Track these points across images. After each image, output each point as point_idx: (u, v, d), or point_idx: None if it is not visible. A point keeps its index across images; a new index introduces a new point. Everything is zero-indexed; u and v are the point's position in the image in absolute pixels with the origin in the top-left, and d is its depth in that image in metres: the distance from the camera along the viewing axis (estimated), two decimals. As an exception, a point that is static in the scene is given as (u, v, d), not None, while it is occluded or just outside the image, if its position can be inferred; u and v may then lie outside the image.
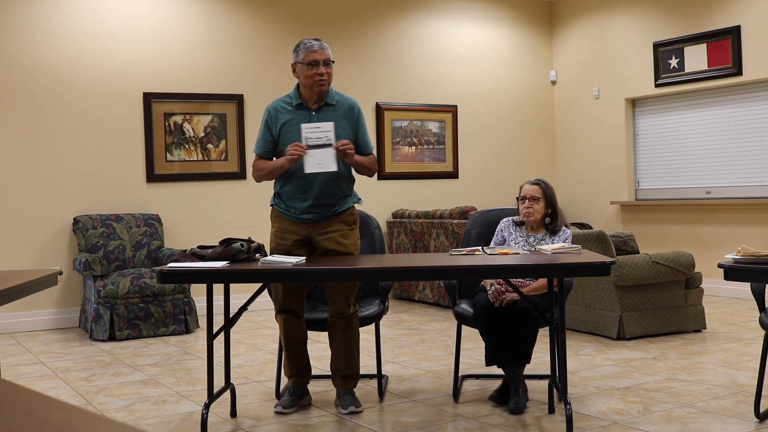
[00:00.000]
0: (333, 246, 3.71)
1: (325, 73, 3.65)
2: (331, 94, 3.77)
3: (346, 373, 3.80)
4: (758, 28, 6.91)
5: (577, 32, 8.67)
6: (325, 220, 3.73)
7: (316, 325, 3.93)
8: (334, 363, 3.82)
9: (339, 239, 3.72)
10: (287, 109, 3.76)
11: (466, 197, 8.32)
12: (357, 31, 7.77)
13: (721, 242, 7.12)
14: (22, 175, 6.36)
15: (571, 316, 5.57)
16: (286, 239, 3.74)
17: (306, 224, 3.73)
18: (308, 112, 3.72)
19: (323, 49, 3.68)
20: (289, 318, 3.79)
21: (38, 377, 4.66)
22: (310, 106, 3.73)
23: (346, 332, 3.79)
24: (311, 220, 3.72)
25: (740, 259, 3.27)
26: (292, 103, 3.76)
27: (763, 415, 3.43)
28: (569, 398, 3.36)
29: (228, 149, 7.13)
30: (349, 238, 3.76)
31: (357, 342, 3.84)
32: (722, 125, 7.36)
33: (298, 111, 3.73)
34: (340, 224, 3.74)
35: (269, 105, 3.83)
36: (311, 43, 3.69)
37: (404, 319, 6.55)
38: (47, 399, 1.10)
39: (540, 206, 3.94)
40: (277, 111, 3.77)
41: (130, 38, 6.77)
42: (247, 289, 4.28)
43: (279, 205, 3.80)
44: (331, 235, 3.72)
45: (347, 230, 3.76)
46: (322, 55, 3.65)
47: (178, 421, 3.66)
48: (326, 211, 3.72)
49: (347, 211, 3.78)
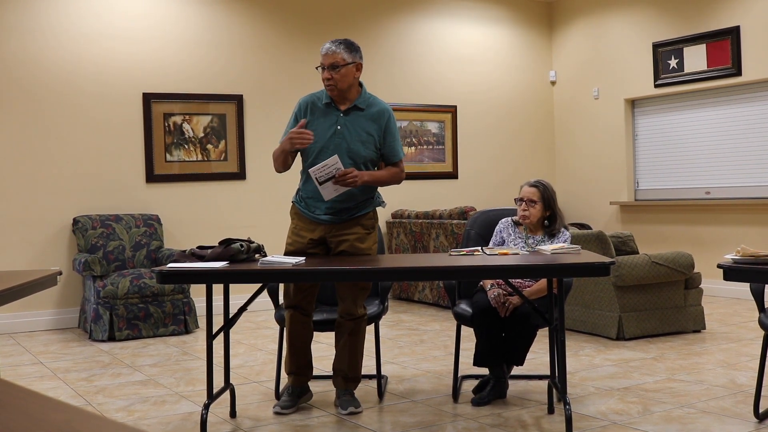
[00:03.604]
0: (347, 249, 3.67)
1: (331, 78, 3.58)
2: (364, 97, 3.70)
3: (348, 375, 3.80)
4: (757, 29, 6.91)
5: (577, 32, 8.67)
6: (342, 223, 3.69)
7: (318, 326, 3.92)
8: (337, 364, 3.82)
9: (355, 243, 3.68)
10: (318, 106, 3.70)
11: (466, 197, 8.32)
12: (356, 32, 7.76)
13: (720, 242, 7.13)
14: (22, 175, 6.36)
15: (571, 317, 5.58)
16: (303, 237, 3.71)
17: (324, 225, 3.70)
18: (337, 113, 3.66)
19: (329, 53, 3.59)
20: (296, 314, 3.78)
21: (38, 377, 4.66)
22: (339, 108, 3.68)
23: (352, 335, 3.77)
24: (329, 221, 3.69)
25: (739, 259, 3.27)
26: (323, 101, 3.69)
27: (763, 416, 3.43)
28: (569, 398, 3.35)
29: (227, 149, 7.13)
30: (365, 242, 3.71)
31: (362, 346, 3.83)
32: (722, 126, 7.36)
33: (327, 110, 3.68)
34: (358, 227, 3.70)
35: (301, 99, 3.77)
36: (323, 45, 3.64)
37: (404, 319, 6.55)
38: (47, 399, 1.10)
39: (536, 209, 3.92)
40: (308, 105, 3.71)
41: (130, 38, 6.77)
42: (247, 290, 4.27)
43: (300, 203, 3.78)
44: (347, 237, 3.68)
45: (364, 234, 3.72)
46: (327, 59, 3.59)
47: (177, 422, 3.66)
48: (345, 214, 3.69)
49: (367, 215, 3.74)
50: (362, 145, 3.64)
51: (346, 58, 3.59)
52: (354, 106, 3.66)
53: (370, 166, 3.71)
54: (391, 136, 3.71)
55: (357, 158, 3.64)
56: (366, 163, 3.68)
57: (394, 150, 3.73)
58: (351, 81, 3.63)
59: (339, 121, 3.65)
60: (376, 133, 3.67)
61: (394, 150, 3.73)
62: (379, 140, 3.69)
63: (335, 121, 3.65)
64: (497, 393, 3.82)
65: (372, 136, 3.66)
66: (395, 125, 3.75)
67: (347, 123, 3.65)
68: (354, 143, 3.63)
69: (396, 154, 3.74)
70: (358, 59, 3.64)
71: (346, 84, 3.61)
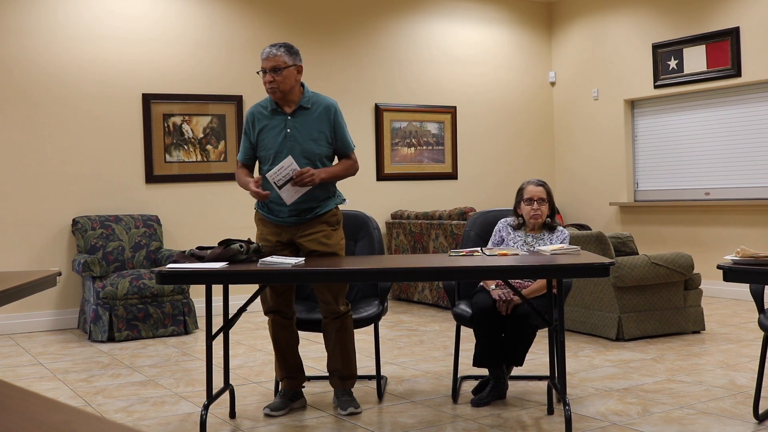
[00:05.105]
0: (316, 247, 3.71)
1: (274, 80, 3.61)
2: (307, 96, 3.74)
3: (344, 374, 3.81)
4: (757, 30, 6.92)
5: (577, 33, 8.67)
6: (306, 222, 3.73)
7: (313, 326, 3.93)
8: (331, 364, 3.83)
9: (322, 240, 3.72)
10: (264, 114, 3.76)
11: (465, 198, 8.33)
12: (356, 32, 7.77)
13: (720, 243, 7.13)
14: (21, 176, 6.36)
15: (570, 317, 5.57)
16: (269, 241, 3.75)
17: (289, 227, 3.74)
18: (284, 117, 3.71)
19: (270, 57, 3.63)
20: (277, 319, 3.80)
21: (37, 378, 4.66)
22: (285, 111, 3.72)
23: (340, 333, 3.79)
24: (294, 222, 3.73)
25: (739, 260, 3.27)
26: (268, 108, 3.75)
27: (762, 416, 3.43)
28: (568, 399, 3.36)
29: (227, 150, 7.13)
30: (332, 238, 3.75)
31: (352, 342, 3.84)
32: (721, 126, 7.36)
33: (274, 116, 3.73)
34: (323, 225, 3.74)
35: (248, 111, 3.85)
36: (263, 50, 3.68)
37: (403, 320, 6.55)
38: (46, 400, 1.10)
39: (546, 207, 3.99)
40: (254, 117, 3.78)
41: (129, 39, 6.77)
42: (246, 290, 4.27)
43: (262, 208, 3.82)
44: (315, 236, 3.71)
45: (330, 231, 3.76)
46: (269, 63, 3.63)
47: (177, 422, 3.65)
48: (308, 214, 3.72)
49: (330, 212, 3.77)
50: (314, 143, 3.69)
51: (287, 61, 3.64)
52: (300, 107, 3.71)
53: (327, 162, 3.76)
54: (341, 129, 3.77)
55: (312, 157, 3.69)
56: (322, 160, 3.73)
57: (345, 142, 3.79)
58: (293, 83, 3.68)
59: (288, 124, 3.69)
60: (326, 129, 3.72)
61: (345, 142, 3.79)
62: (330, 135, 3.74)
63: (284, 125, 3.70)
64: (497, 394, 3.83)
65: (323, 133, 3.71)
66: (343, 118, 3.80)
67: (296, 124, 3.69)
68: (306, 143, 3.68)
69: (348, 146, 3.80)
70: (298, 62, 3.70)
71: (288, 86, 3.65)
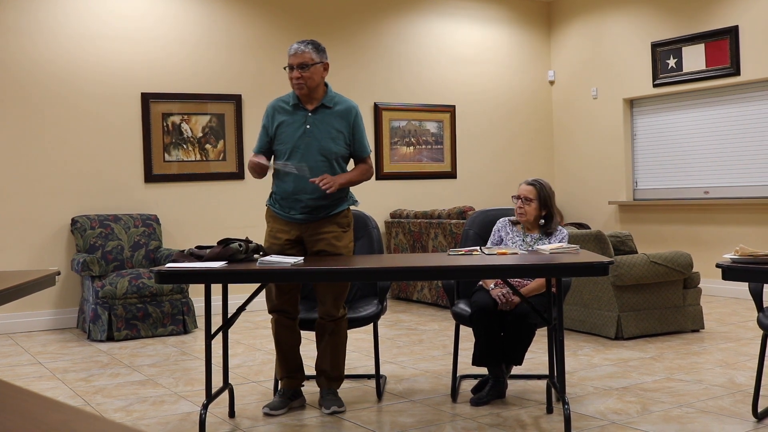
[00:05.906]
0: (325, 247, 3.70)
1: (301, 77, 3.63)
2: (330, 95, 3.75)
3: (331, 375, 3.82)
4: (756, 28, 6.92)
5: (576, 32, 8.67)
6: (317, 222, 3.72)
7: (312, 325, 3.92)
8: (320, 364, 3.84)
9: (332, 241, 3.71)
10: (285, 108, 3.77)
11: (465, 197, 8.33)
12: (355, 31, 7.77)
13: (719, 242, 7.13)
14: (20, 175, 6.36)
15: (569, 316, 5.58)
16: (279, 239, 3.74)
17: (299, 225, 3.73)
18: (305, 113, 3.72)
19: (297, 53, 3.65)
20: (281, 318, 3.80)
21: (36, 378, 4.66)
22: (307, 108, 3.73)
23: (333, 335, 3.80)
24: (304, 220, 3.72)
25: (738, 258, 3.27)
26: (290, 103, 3.76)
27: (761, 415, 3.43)
28: (567, 398, 3.36)
29: (226, 149, 7.13)
30: (341, 240, 3.74)
31: (344, 345, 3.86)
32: (720, 125, 7.36)
33: (295, 111, 3.74)
34: (333, 226, 3.73)
35: (269, 104, 3.86)
36: (291, 46, 3.71)
37: (402, 319, 6.55)
38: (45, 399, 1.10)
39: (532, 207, 3.94)
40: (275, 111, 3.80)
41: (128, 38, 6.77)
42: (246, 290, 4.28)
43: (273, 205, 3.81)
44: (324, 236, 3.71)
45: (340, 232, 3.75)
46: (296, 59, 3.65)
47: (176, 422, 3.65)
48: (319, 213, 3.71)
49: (341, 213, 3.77)
50: (332, 141, 3.69)
51: (315, 58, 3.66)
52: (321, 105, 3.72)
53: (342, 162, 3.77)
54: (360, 132, 3.79)
55: (329, 155, 3.69)
56: (338, 159, 3.73)
57: (362, 145, 3.81)
58: (319, 80, 3.70)
59: (308, 121, 3.70)
60: (345, 129, 3.73)
61: (363, 145, 3.81)
62: (348, 137, 3.75)
63: (304, 120, 3.70)
64: (496, 393, 3.83)
65: (342, 133, 3.72)
66: (362, 122, 3.82)
67: (316, 121, 3.70)
68: (325, 140, 3.69)
69: (364, 149, 3.82)
70: (325, 59, 3.73)
71: (314, 83, 3.67)
